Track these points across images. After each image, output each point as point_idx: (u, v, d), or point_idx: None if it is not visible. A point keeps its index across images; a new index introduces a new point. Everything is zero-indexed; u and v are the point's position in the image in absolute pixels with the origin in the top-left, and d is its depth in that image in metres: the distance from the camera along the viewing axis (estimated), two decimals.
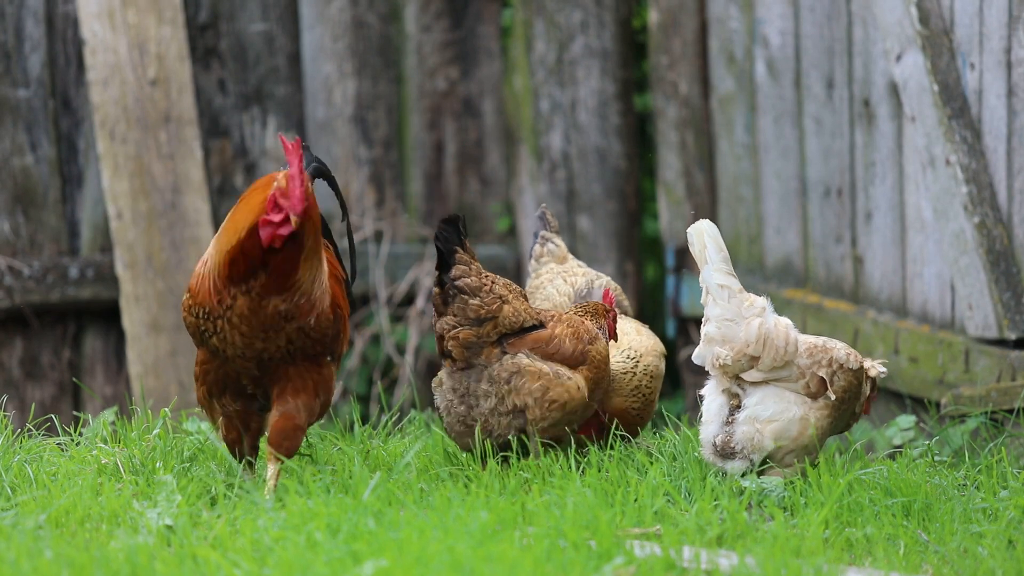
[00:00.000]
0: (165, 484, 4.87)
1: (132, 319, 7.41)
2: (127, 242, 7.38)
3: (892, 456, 6.16)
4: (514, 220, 8.19)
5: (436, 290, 5.22)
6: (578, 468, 5.16)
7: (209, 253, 4.93)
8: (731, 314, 5.23)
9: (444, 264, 5.19)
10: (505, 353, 5.22)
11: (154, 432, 5.26)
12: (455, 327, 5.20)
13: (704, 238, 5.25)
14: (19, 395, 7.46)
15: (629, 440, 5.44)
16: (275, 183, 4.85)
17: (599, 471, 5.05)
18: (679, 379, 8.13)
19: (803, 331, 5.76)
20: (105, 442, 5.31)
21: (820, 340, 5.27)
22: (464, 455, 5.24)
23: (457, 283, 5.19)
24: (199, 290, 4.91)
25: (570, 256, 5.98)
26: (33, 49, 7.41)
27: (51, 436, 5.44)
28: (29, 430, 5.42)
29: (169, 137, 7.47)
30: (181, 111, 7.49)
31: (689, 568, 4.30)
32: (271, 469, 4.90)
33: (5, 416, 5.35)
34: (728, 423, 5.23)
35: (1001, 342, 6.28)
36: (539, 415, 5.20)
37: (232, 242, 4.84)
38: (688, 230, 5.29)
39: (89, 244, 7.52)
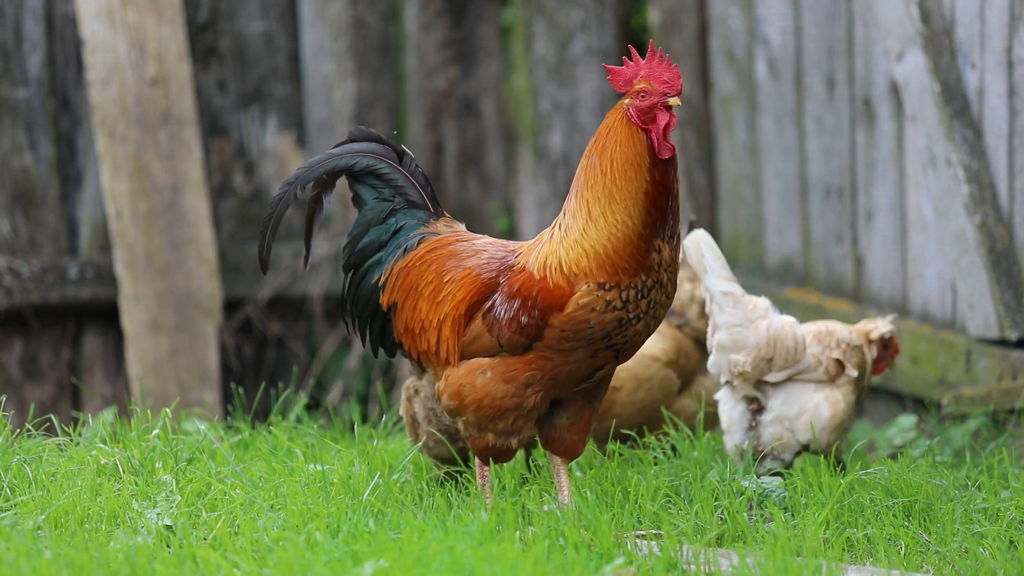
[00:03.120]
0: (164, 484, 4.87)
1: (132, 319, 7.40)
2: (127, 242, 7.37)
3: (893, 456, 6.15)
4: (514, 220, 8.18)
5: None
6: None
7: (572, 221, 4.19)
8: (739, 319, 5.24)
9: None
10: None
11: (153, 432, 5.25)
12: None
13: (701, 247, 5.26)
14: (18, 395, 7.45)
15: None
16: (625, 102, 4.22)
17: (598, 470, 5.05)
18: None
19: None
20: (104, 442, 5.30)
21: (820, 325, 5.33)
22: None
23: None
24: (617, 266, 4.15)
25: None
26: (32, 49, 7.40)
27: (50, 436, 5.42)
28: (28, 430, 5.40)
29: (168, 137, 7.46)
30: (181, 111, 7.47)
31: (689, 568, 4.29)
32: (564, 475, 4.64)
33: (4, 416, 5.34)
34: (752, 427, 5.25)
35: (1002, 342, 6.27)
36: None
37: (638, 181, 4.15)
38: (684, 241, 5.30)
39: (88, 244, 7.51)
